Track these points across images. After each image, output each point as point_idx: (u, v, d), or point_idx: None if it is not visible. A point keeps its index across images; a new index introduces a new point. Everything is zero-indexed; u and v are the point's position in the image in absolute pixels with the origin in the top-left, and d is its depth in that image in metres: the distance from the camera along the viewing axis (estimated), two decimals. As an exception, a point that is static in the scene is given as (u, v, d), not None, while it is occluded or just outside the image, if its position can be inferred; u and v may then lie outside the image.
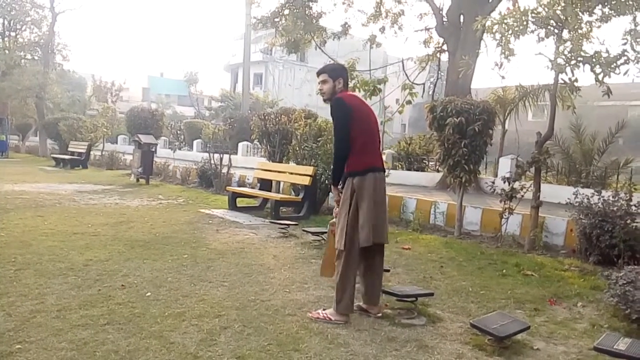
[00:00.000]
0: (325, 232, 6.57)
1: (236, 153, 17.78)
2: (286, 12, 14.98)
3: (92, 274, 4.58)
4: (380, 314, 3.90)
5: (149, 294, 4.10)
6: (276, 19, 15.32)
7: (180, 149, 22.16)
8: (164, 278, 4.57)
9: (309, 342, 3.29)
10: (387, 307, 4.08)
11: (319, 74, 3.96)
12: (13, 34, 28.29)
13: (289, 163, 10.21)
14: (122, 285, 4.29)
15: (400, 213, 8.56)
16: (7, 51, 26.87)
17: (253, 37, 27.72)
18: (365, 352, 3.19)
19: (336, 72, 3.93)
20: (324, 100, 3.95)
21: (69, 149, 19.48)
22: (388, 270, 4.97)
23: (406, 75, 14.07)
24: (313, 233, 6.41)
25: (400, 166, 14.30)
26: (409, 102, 8.81)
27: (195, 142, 22.76)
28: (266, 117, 11.45)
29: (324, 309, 3.79)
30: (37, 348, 3.00)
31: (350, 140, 3.74)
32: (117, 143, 25.58)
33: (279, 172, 9.54)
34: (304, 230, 6.75)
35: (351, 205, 3.73)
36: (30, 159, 22.84)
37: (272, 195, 9.11)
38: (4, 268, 4.62)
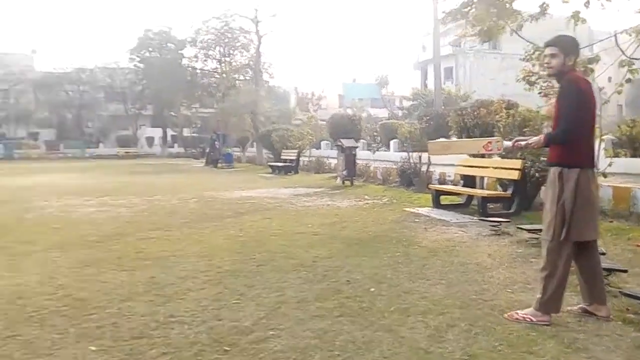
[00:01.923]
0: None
1: (433, 150, 17.64)
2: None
3: (319, 270, 5.04)
4: (610, 316, 3.56)
5: (372, 289, 4.36)
6: (465, 9, 14.85)
7: (378, 149, 22.85)
8: (383, 274, 4.81)
9: (542, 344, 3.15)
10: (629, 312, 3.68)
11: (547, 45, 3.70)
12: (228, 59, 32.58)
13: (491, 157, 9.80)
14: (347, 280, 4.63)
15: (630, 206, 7.56)
16: (224, 75, 31.08)
17: (441, 31, 27.21)
18: (609, 359, 2.94)
19: (569, 48, 3.62)
20: (548, 75, 3.75)
21: (282, 157, 21.59)
22: (625, 271, 4.48)
23: (621, 50, 12.33)
24: (529, 230, 6.02)
25: (623, 153, 12.61)
26: (628, 81, 7.72)
27: (391, 142, 23.16)
28: (463, 112, 11.20)
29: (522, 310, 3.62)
30: (286, 335, 3.41)
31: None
32: (320, 148, 27.46)
33: (482, 167, 9.23)
34: (518, 228, 6.41)
35: (559, 197, 3.51)
36: (250, 168, 25.92)
37: (478, 191, 8.85)
38: (247, 264, 5.35)
